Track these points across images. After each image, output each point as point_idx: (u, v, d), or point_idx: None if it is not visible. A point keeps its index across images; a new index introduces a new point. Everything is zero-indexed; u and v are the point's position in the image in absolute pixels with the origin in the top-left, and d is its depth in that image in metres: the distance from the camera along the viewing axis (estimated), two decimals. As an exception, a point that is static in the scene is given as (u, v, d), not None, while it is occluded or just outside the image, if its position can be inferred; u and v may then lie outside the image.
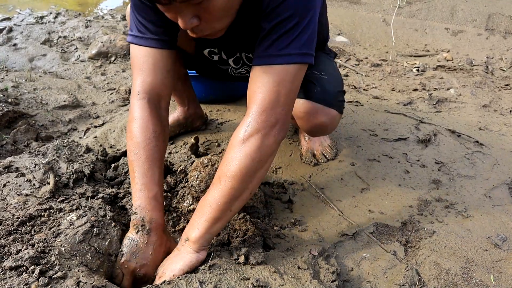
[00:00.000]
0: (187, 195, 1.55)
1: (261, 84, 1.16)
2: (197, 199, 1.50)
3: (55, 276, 1.04)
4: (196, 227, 1.17)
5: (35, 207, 1.31)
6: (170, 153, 1.93)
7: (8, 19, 3.77)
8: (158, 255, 1.22)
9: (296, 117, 1.64)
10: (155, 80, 1.29)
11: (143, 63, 1.28)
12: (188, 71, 2.01)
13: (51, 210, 1.30)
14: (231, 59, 1.64)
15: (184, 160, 1.83)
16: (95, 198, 1.42)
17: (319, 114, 1.57)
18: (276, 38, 1.14)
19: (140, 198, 1.22)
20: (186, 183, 1.59)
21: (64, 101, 2.43)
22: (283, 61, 1.15)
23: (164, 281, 1.10)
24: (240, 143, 1.16)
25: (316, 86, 1.56)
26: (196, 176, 1.53)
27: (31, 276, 1.02)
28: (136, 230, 1.21)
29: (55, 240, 1.16)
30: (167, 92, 1.35)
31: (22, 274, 1.03)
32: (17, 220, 1.21)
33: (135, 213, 1.22)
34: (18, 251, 1.09)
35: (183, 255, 1.17)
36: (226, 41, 1.38)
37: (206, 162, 1.57)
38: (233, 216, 1.24)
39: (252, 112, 1.16)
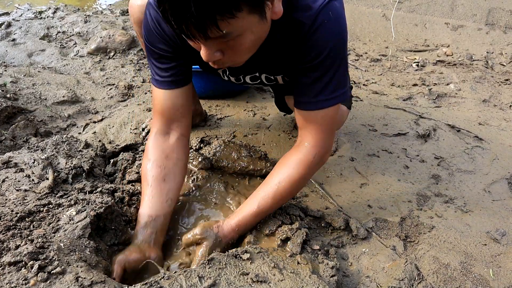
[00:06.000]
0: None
1: (315, 125, 1.36)
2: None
3: (54, 271, 1.04)
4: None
5: (34, 202, 1.31)
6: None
7: (7, 14, 3.75)
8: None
9: None
10: (164, 118, 1.47)
11: (156, 105, 1.47)
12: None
13: (50, 205, 1.30)
14: (248, 76, 1.59)
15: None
16: (94, 193, 1.42)
17: None
18: (325, 85, 1.29)
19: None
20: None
21: (63, 97, 2.42)
22: (334, 103, 1.33)
23: (163, 276, 1.11)
24: (296, 164, 1.37)
25: None
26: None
27: (30, 272, 1.02)
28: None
29: (54, 236, 1.16)
30: (179, 123, 1.50)
31: (21, 269, 1.03)
32: (16, 216, 1.21)
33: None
34: (17, 247, 1.09)
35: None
36: (239, 67, 1.42)
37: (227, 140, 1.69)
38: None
39: (309, 146, 1.37)
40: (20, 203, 1.31)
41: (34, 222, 1.21)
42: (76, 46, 3.24)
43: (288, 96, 1.78)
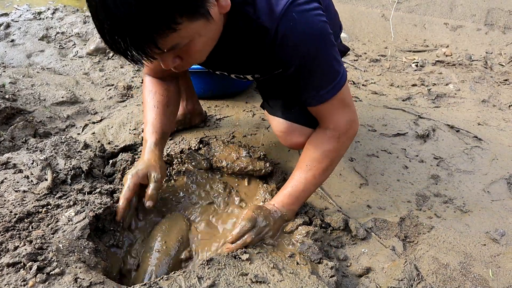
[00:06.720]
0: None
1: (330, 115, 1.41)
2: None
3: (52, 272, 1.04)
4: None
5: (32, 203, 1.30)
6: (168, 148, 1.93)
7: (6, 14, 3.74)
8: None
9: (276, 135, 1.64)
10: (154, 72, 1.61)
11: (146, 66, 1.58)
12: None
13: (49, 206, 1.30)
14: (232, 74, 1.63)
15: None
16: (93, 194, 1.42)
17: (296, 134, 1.56)
18: (319, 79, 1.31)
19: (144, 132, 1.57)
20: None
21: (62, 97, 2.42)
22: (335, 92, 1.34)
23: (162, 277, 1.10)
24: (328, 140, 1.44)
25: (294, 105, 1.53)
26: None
27: (29, 273, 1.02)
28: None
29: (53, 237, 1.16)
30: (169, 76, 1.62)
31: (19, 270, 1.03)
32: (15, 217, 1.21)
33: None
34: (16, 248, 1.09)
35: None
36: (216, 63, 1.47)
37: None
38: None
39: (333, 131, 1.44)
40: (19, 204, 1.31)
41: (33, 223, 1.21)
42: (75, 47, 3.23)
43: (267, 114, 1.74)
